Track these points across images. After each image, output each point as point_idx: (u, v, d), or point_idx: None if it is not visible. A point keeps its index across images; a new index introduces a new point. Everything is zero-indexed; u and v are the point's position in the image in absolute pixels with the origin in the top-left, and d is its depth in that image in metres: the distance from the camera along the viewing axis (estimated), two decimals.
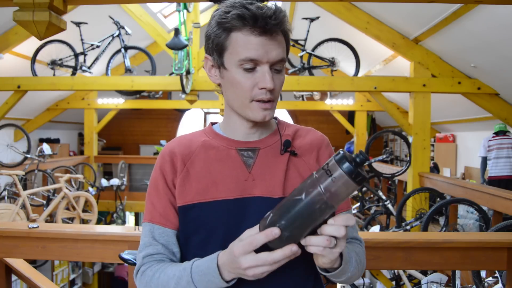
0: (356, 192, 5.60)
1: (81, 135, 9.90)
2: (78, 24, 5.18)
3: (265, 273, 0.73)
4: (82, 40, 5.31)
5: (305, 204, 0.68)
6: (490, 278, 2.66)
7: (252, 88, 0.84)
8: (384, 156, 5.05)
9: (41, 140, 8.05)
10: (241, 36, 0.81)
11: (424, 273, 3.40)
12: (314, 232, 0.73)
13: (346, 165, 0.65)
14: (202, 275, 0.78)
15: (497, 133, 5.06)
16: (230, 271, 0.75)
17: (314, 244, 0.72)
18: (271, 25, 0.80)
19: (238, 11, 0.80)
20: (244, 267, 0.72)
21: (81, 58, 5.35)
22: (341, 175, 0.66)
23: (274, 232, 0.69)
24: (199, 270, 0.78)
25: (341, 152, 0.68)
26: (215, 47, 0.86)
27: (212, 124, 0.99)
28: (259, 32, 0.80)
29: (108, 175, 9.28)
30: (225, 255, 0.76)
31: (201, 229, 0.86)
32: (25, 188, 5.57)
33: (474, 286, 2.54)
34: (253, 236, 0.72)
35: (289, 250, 0.70)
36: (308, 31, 5.08)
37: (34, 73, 5.26)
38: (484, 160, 5.20)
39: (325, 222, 0.72)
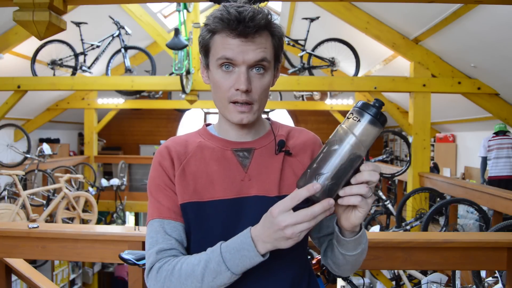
0: None
1: (81, 135, 9.90)
2: (78, 24, 5.18)
3: (303, 232, 0.72)
4: (82, 40, 5.31)
5: (341, 151, 0.73)
6: (490, 278, 2.66)
7: (229, 89, 0.85)
8: (384, 156, 5.05)
9: (41, 140, 8.05)
10: (220, 38, 0.84)
11: (424, 273, 3.40)
12: (346, 185, 0.75)
13: (371, 109, 0.73)
14: (235, 252, 0.76)
15: (497, 133, 5.06)
16: (265, 241, 0.74)
17: (355, 192, 0.73)
18: (247, 27, 0.81)
19: (219, 14, 0.83)
20: (284, 225, 0.71)
21: (81, 58, 5.35)
22: (369, 118, 0.73)
23: (315, 186, 0.71)
24: (230, 249, 0.77)
25: (360, 101, 0.75)
26: (201, 48, 0.89)
27: (207, 125, 1.00)
28: (235, 34, 0.82)
29: (108, 175, 9.28)
30: (259, 226, 0.76)
31: (198, 229, 0.87)
32: (25, 188, 5.57)
33: (474, 286, 2.54)
34: (295, 192, 0.72)
35: (327, 203, 0.70)
36: (308, 31, 5.08)
37: (34, 73, 5.26)
38: (484, 160, 5.20)
39: (356, 172, 0.74)
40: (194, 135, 0.96)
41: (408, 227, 4.32)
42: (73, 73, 5.32)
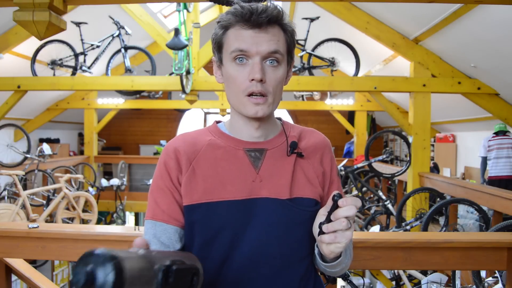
0: (356, 192, 5.60)
1: (81, 135, 9.90)
2: (78, 24, 5.18)
3: None
4: (82, 40, 5.31)
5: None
6: (490, 278, 2.66)
7: (244, 81, 0.85)
8: (384, 156, 5.05)
9: (41, 140, 8.05)
10: (233, 31, 0.85)
11: (424, 273, 3.40)
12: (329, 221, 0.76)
13: None
14: None
15: (497, 133, 5.06)
16: None
17: (332, 229, 0.75)
18: (261, 19, 0.82)
19: (232, 9, 0.85)
20: None
21: (81, 58, 5.35)
22: None
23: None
24: None
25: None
26: (215, 45, 0.89)
27: (217, 122, 0.98)
28: (249, 26, 0.83)
29: (108, 175, 9.28)
30: None
31: (207, 229, 0.85)
32: (25, 188, 5.57)
33: (474, 286, 2.54)
34: None
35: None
36: (308, 31, 5.08)
37: (34, 73, 5.26)
38: (484, 160, 5.20)
39: (336, 207, 0.74)
40: (204, 132, 0.95)
41: (408, 227, 4.32)
42: (73, 73, 5.32)
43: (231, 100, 0.89)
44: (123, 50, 5.38)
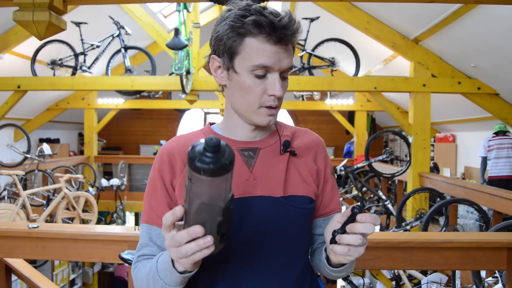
0: (356, 192, 5.60)
1: (81, 135, 9.90)
2: (78, 24, 5.18)
3: (182, 257, 0.67)
4: (82, 40, 5.31)
5: (189, 211, 0.67)
6: (490, 278, 2.66)
7: (262, 95, 0.85)
8: (384, 156, 5.05)
9: (41, 140, 8.05)
10: (256, 43, 0.82)
11: (424, 273, 3.40)
12: (344, 232, 0.74)
13: (192, 166, 0.62)
14: (162, 264, 0.77)
15: (497, 133, 5.06)
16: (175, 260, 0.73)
17: (346, 242, 0.73)
18: (287, 35, 0.82)
19: (255, 18, 0.80)
20: (166, 246, 0.69)
21: (81, 58, 5.35)
22: (193, 177, 0.63)
23: (177, 211, 0.66)
24: (162, 260, 0.78)
25: (189, 153, 0.64)
26: (227, 50, 0.84)
27: (210, 124, 0.99)
28: (274, 40, 0.81)
29: (108, 175, 9.28)
30: None
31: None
32: (25, 188, 5.57)
33: (474, 286, 2.54)
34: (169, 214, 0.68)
35: (193, 230, 0.65)
36: (308, 31, 5.08)
37: (34, 73, 5.26)
38: (484, 160, 5.20)
39: (353, 220, 0.73)
40: (198, 134, 0.95)
41: (408, 227, 4.32)
42: (73, 73, 5.32)
43: (240, 106, 0.88)
44: (123, 50, 5.38)
